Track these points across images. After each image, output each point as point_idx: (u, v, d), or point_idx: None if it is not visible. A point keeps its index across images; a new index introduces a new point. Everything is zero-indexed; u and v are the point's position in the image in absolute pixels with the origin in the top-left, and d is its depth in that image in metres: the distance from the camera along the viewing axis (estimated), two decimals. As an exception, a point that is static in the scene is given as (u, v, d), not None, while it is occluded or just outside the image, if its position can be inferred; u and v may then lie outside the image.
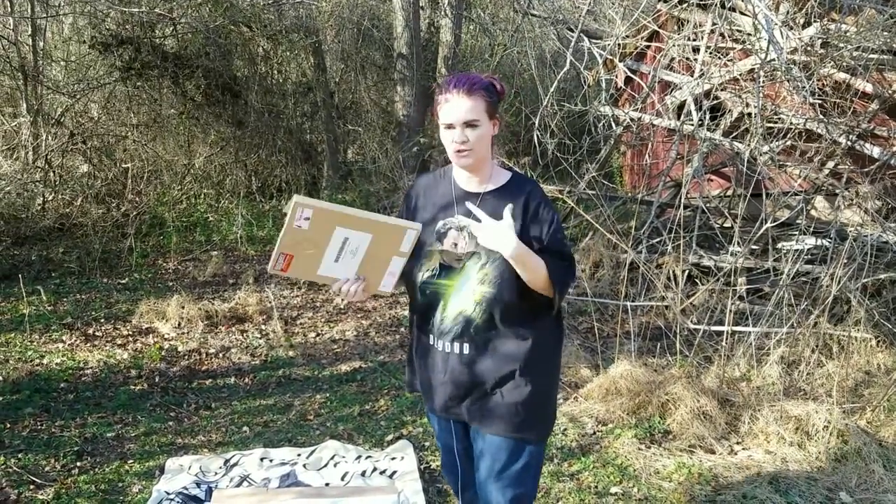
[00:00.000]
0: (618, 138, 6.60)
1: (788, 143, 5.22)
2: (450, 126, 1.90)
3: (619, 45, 6.22)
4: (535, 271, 1.88)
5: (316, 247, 1.85)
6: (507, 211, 1.86)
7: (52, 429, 3.65)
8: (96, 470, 3.26)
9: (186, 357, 4.71)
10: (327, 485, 3.13)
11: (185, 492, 3.01)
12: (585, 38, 6.24)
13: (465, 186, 2.01)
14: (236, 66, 9.49)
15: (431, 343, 2.05)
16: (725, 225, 5.66)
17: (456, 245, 1.97)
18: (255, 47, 9.47)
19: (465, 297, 1.95)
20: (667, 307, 4.85)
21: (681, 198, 4.87)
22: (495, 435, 2.02)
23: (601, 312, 5.39)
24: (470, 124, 1.89)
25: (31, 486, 3.08)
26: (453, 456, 2.22)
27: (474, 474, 2.16)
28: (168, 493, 3.00)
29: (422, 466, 3.29)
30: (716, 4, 5.39)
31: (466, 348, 1.99)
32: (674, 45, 5.90)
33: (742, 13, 5.71)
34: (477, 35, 12.49)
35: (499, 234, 1.83)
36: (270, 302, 5.53)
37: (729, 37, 5.78)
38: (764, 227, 4.65)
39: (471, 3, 11.45)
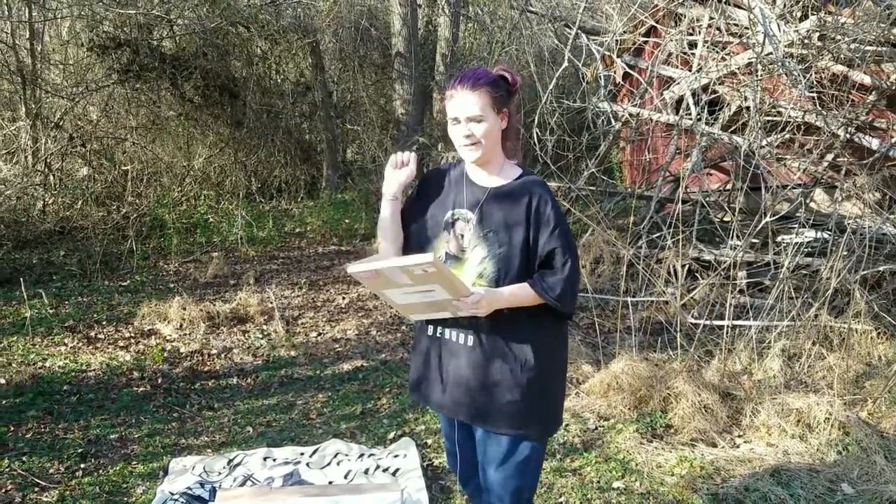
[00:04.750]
0: (617, 134, 6.60)
1: (787, 136, 5.22)
2: (456, 120, 1.95)
3: (616, 40, 6.22)
4: (524, 301, 1.94)
5: (398, 287, 1.89)
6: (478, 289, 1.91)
7: (55, 431, 3.66)
8: (100, 472, 3.27)
9: (189, 358, 4.72)
10: (331, 483, 3.14)
11: (189, 492, 3.02)
12: (583, 35, 6.24)
13: (475, 179, 2.05)
14: (234, 66, 9.48)
15: (431, 332, 2.08)
16: (725, 219, 5.66)
17: (462, 236, 2.00)
18: (252, 48, 9.47)
19: None
20: (667, 302, 4.85)
21: (680, 192, 4.88)
22: (495, 431, 2.04)
23: (602, 308, 5.40)
24: (474, 119, 1.92)
25: (36, 489, 3.10)
26: (455, 448, 2.24)
27: (476, 466, 2.18)
28: (172, 494, 3.01)
29: (424, 464, 3.30)
30: (713, -1, 5.40)
31: (470, 340, 2.00)
32: (671, 40, 5.91)
33: (739, 7, 5.71)
34: (475, 33, 12.48)
35: (476, 308, 1.88)
36: (272, 302, 5.54)
37: (726, 31, 5.78)
38: (764, 221, 4.66)
39: (468, 1, 11.44)
